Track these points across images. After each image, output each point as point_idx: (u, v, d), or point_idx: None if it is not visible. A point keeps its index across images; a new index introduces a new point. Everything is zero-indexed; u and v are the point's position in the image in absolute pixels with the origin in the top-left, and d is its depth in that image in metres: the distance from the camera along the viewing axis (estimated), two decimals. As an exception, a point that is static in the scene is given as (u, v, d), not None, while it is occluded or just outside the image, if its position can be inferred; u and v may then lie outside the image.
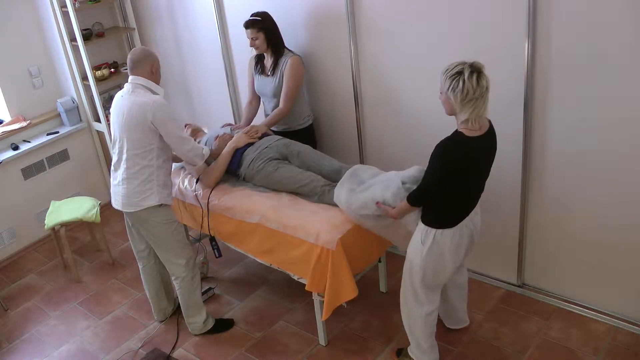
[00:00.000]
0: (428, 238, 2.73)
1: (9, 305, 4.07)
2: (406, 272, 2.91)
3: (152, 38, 4.78)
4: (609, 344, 3.18)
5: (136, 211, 3.19)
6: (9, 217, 4.53)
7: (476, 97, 2.45)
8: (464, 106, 2.47)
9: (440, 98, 2.56)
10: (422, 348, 3.04)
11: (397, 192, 2.83)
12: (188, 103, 4.84)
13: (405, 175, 2.90)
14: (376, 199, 2.90)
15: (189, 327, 3.56)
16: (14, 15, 4.43)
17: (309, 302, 3.38)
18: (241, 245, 3.50)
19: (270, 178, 3.41)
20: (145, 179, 3.15)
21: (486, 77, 2.47)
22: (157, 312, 3.69)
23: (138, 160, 3.12)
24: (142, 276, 3.59)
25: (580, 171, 3.08)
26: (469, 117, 2.49)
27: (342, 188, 3.09)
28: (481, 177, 2.71)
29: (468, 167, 2.59)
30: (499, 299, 3.58)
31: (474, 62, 2.48)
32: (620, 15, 2.67)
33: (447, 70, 2.49)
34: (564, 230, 3.28)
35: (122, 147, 3.14)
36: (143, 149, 3.10)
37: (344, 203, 3.05)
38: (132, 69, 3.14)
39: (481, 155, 2.62)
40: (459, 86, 2.44)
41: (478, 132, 2.54)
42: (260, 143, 3.57)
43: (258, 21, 3.61)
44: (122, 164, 3.16)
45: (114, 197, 3.27)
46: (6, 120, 4.56)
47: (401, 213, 2.81)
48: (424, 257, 2.76)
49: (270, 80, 3.77)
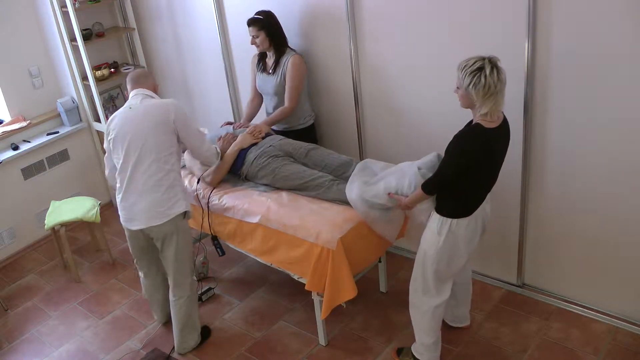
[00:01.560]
0: (444, 228, 2.75)
1: (9, 305, 4.07)
2: (418, 264, 2.92)
3: (152, 38, 4.78)
4: (609, 344, 3.18)
5: (165, 222, 3.06)
6: (9, 217, 4.53)
7: (497, 92, 2.49)
8: (485, 101, 2.49)
9: (458, 93, 2.57)
10: (426, 344, 3.04)
11: (413, 178, 2.85)
12: (188, 103, 4.83)
13: (421, 162, 2.91)
14: (389, 189, 2.92)
15: (180, 346, 3.40)
16: (14, 15, 4.42)
17: (309, 302, 3.38)
18: (241, 245, 3.50)
19: (276, 173, 3.41)
20: (170, 184, 3.04)
21: (503, 70, 2.50)
22: (164, 315, 3.60)
23: (161, 165, 3.01)
24: (149, 283, 3.46)
25: (581, 171, 3.08)
26: (489, 110, 2.51)
27: (354, 181, 3.11)
28: (497, 168, 2.75)
29: (486, 158, 2.62)
30: (499, 299, 3.58)
31: (491, 56, 2.50)
32: (620, 15, 2.67)
33: (466, 66, 2.50)
34: (564, 230, 3.28)
35: (139, 157, 2.99)
36: (166, 152, 3.02)
37: (356, 195, 3.05)
38: (135, 83, 3.15)
39: (498, 146, 2.66)
40: (481, 82, 2.46)
41: (495, 124, 2.58)
42: (264, 142, 3.58)
43: (259, 20, 3.62)
44: (140, 175, 3.01)
45: (129, 220, 3.11)
46: (6, 120, 4.55)
47: (414, 202, 2.83)
48: (439, 247, 2.78)
49: (271, 79, 3.78)
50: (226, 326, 3.64)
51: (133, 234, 3.20)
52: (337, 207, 3.19)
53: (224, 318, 3.71)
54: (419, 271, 2.93)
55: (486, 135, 2.56)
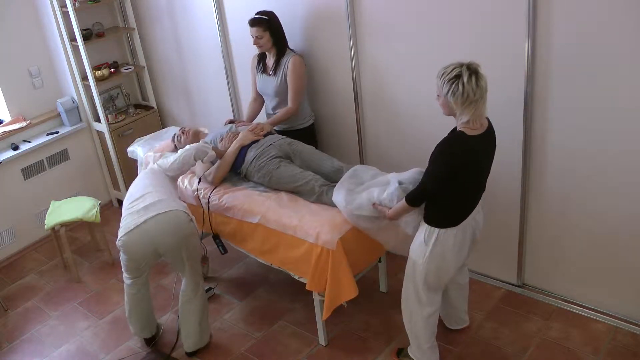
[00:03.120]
0: (431, 238, 2.72)
1: (9, 305, 4.07)
2: (408, 274, 2.90)
3: (152, 38, 4.78)
4: (609, 344, 3.18)
5: (181, 228, 3.11)
6: (9, 217, 4.53)
7: (477, 99, 2.44)
8: (465, 109, 2.45)
9: (438, 100, 2.54)
10: (423, 349, 3.03)
11: (393, 192, 2.83)
12: (188, 103, 4.84)
13: (403, 177, 2.89)
14: (372, 200, 2.90)
15: (199, 342, 3.39)
16: (14, 15, 4.42)
17: (309, 302, 3.38)
18: (241, 245, 3.50)
19: (271, 176, 3.41)
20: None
21: (484, 77, 2.45)
22: (150, 330, 3.52)
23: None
24: (137, 298, 3.36)
25: (581, 171, 3.08)
26: (470, 118, 2.48)
27: (340, 188, 3.09)
28: (482, 176, 2.71)
29: (470, 166, 2.59)
30: (499, 299, 3.58)
31: (470, 63, 2.45)
32: (620, 15, 2.67)
33: (444, 74, 2.46)
34: (564, 230, 3.28)
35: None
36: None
37: (341, 203, 3.04)
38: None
39: (482, 153, 2.62)
40: (459, 90, 2.41)
41: (479, 131, 2.54)
42: (264, 141, 3.58)
43: (265, 20, 3.61)
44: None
45: (141, 235, 3.09)
46: (6, 120, 4.55)
47: (398, 214, 2.80)
48: (427, 257, 2.76)
49: (272, 80, 3.78)
50: (226, 326, 3.64)
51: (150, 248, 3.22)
52: (335, 207, 3.18)
53: (224, 318, 3.71)
54: (410, 281, 2.91)
55: (468, 143, 2.51)
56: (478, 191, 2.75)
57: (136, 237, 3.10)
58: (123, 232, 3.12)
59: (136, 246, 3.13)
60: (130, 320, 3.47)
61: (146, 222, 3.08)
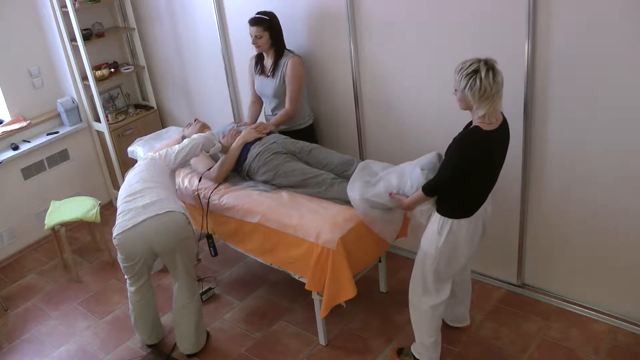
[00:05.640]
0: (445, 229, 2.76)
1: (9, 305, 4.07)
2: (418, 264, 2.93)
3: (152, 38, 4.78)
4: (609, 344, 3.18)
5: (179, 231, 3.09)
6: (9, 217, 4.53)
7: (493, 94, 2.49)
8: (481, 103, 2.51)
9: (455, 95, 2.59)
10: (426, 344, 3.04)
11: (415, 178, 2.86)
12: (188, 103, 4.84)
13: (423, 162, 2.92)
14: (390, 189, 2.93)
15: (196, 345, 3.38)
16: (14, 15, 4.42)
17: (309, 302, 3.38)
18: (241, 245, 3.50)
19: (279, 169, 3.41)
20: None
21: (500, 72, 2.51)
22: (157, 335, 3.53)
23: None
24: (141, 305, 3.35)
25: (581, 171, 3.08)
26: (486, 112, 2.52)
27: (355, 181, 3.11)
28: (496, 169, 2.75)
29: (486, 160, 2.63)
30: (499, 299, 3.58)
31: (488, 59, 2.50)
32: (620, 15, 2.67)
33: (462, 69, 2.51)
34: (564, 230, 3.28)
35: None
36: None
37: (357, 195, 3.05)
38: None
39: (497, 147, 2.67)
40: (477, 85, 2.47)
41: (494, 126, 2.58)
42: (268, 139, 3.59)
43: (265, 20, 3.60)
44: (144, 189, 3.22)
45: (139, 234, 3.07)
46: (6, 120, 4.55)
47: (415, 203, 2.84)
48: (440, 247, 2.79)
49: (270, 81, 3.77)
50: (226, 326, 3.64)
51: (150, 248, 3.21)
52: (337, 206, 3.19)
53: (224, 318, 3.71)
54: (419, 271, 2.94)
55: (484, 137, 2.56)
56: (491, 184, 2.79)
57: (133, 236, 3.08)
58: (120, 230, 3.09)
59: (133, 245, 3.11)
60: (137, 328, 3.46)
61: (144, 222, 3.06)
